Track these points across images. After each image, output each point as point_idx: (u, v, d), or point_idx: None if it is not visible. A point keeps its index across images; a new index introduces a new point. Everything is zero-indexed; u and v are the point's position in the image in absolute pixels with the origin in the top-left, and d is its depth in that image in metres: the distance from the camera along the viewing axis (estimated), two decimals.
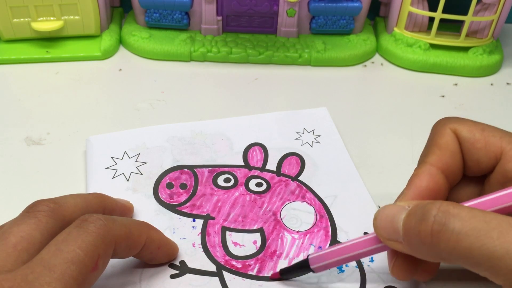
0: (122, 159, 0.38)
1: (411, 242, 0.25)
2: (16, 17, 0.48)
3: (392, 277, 0.32)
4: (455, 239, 0.23)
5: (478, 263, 0.23)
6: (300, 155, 0.40)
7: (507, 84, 0.50)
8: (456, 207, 0.24)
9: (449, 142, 0.30)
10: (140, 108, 0.45)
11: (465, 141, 0.30)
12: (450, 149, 0.30)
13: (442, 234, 0.23)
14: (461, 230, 0.23)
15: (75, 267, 0.24)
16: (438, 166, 0.29)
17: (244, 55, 0.50)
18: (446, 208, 0.24)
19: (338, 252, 0.29)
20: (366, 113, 0.46)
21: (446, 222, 0.23)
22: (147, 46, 0.50)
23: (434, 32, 0.50)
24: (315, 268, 0.30)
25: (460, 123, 0.30)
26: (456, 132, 0.30)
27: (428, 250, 0.25)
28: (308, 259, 0.30)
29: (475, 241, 0.23)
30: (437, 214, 0.24)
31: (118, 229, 0.27)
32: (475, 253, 0.23)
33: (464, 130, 0.30)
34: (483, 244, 0.22)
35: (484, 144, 0.29)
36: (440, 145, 0.30)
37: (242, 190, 0.37)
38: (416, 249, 0.25)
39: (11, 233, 0.25)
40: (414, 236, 0.25)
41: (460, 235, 0.23)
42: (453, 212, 0.24)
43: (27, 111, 0.44)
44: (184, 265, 0.32)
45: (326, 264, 0.29)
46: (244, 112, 0.44)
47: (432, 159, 0.30)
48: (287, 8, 0.50)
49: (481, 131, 0.30)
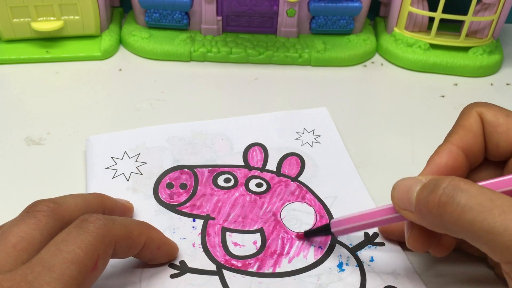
0: (122, 159, 0.38)
1: (421, 212, 0.26)
2: (16, 17, 0.48)
3: (392, 277, 0.32)
4: (459, 212, 0.24)
5: (478, 236, 0.24)
6: (300, 155, 0.40)
7: (507, 85, 0.50)
8: (467, 183, 0.25)
9: (473, 124, 0.31)
10: (140, 108, 0.45)
11: (489, 124, 0.31)
12: (473, 131, 0.31)
13: (448, 205, 0.25)
14: (466, 204, 0.24)
15: (74, 267, 0.24)
16: (459, 146, 0.30)
17: (244, 55, 0.50)
18: (457, 183, 0.25)
19: (357, 219, 0.31)
20: (366, 113, 0.46)
21: (454, 195, 0.25)
22: (147, 46, 0.50)
23: (434, 32, 0.50)
24: (335, 232, 0.32)
25: (487, 107, 0.31)
26: (481, 115, 0.31)
27: (434, 220, 0.26)
28: (330, 223, 0.32)
29: (477, 215, 0.24)
30: (447, 186, 0.25)
31: (118, 229, 0.27)
32: (476, 227, 0.24)
33: (489, 114, 0.31)
34: (484, 219, 0.24)
35: (505, 129, 0.30)
36: (464, 126, 0.31)
37: (242, 190, 0.37)
38: (424, 218, 0.26)
39: (11, 233, 0.25)
40: (423, 206, 0.26)
41: (464, 208, 0.24)
42: (462, 187, 0.25)
43: (27, 111, 0.44)
44: (184, 265, 0.32)
45: (345, 228, 0.31)
46: (244, 112, 0.44)
47: (454, 139, 0.31)
48: (287, 8, 0.50)
49: (505, 116, 0.30)
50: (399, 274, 0.32)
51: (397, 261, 0.33)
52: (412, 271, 0.32)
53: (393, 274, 0.32)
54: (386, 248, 0.34)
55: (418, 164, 0.41)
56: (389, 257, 0.33)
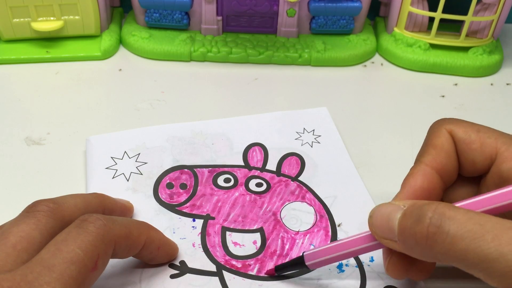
0: (122, 159, 0.38)
1: (406, 242, 0.25)
2: (16, 17, 0.48)
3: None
4: (450, 242, 0.23)
5: (473, 264, 0.23)
6: (300, 155, 0.40)
7: (507, 85, 0.50)
8: (452, 209, 0.24)
9: (444, 143, 0.30)
10: (140, 108, 0.45)
11: (461, 141, 0.30)
12: (445, 150, 0.30)
13: (437, 236, 0.24)
14: (457, 232, 0.23)
15: (74, 267, 0.24)
16: (433, 166, 0.30)
17: (244, 55, 0.50)
18: (442, 211, 0.24)
19: (333, 249, 0.29)
20: (366, 113, 0.46)
21: (442, 224, 0.24)
22: (147, 46, 0.50)
23: (434, 32, 0.50)
24: (310, 265, 0.30)
25: (455, 124, 0.30)
26: (451, 133, 0.30)
27: (423, 251, 0.25)
28: (303, 256, 0.30)
29: (470, 243, 0.23)
30: (433, 216, 0.24)
31: (118, 229, 0.27)
32: (469, 255, 0.23)
33: (459, 131, 0.30)
34: (478, 246, 0.22)
35: (479, 145, 0.29)
36: (435, 145, 0.30)
37: (242, 190, 0.37)
38: (411, 249, 0.25)
39: (11, 233, 0.25)
40: (410, 236, 0.25)
41: (455, 238, 0.23)
42: (449, 214, 0.24)
43: (27, 111, 0.44)
44: (184, 265, 0.32)
45: (321, 261, 0.29)
46: (244, 112, 0.44)
47: (427, 159, 0.30)
48: (287, 8, 0.50)
49: (476, 132, 0.30)
50: None
51: None
52: None
53: None
54: None
55: None
56: None
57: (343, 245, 0.29)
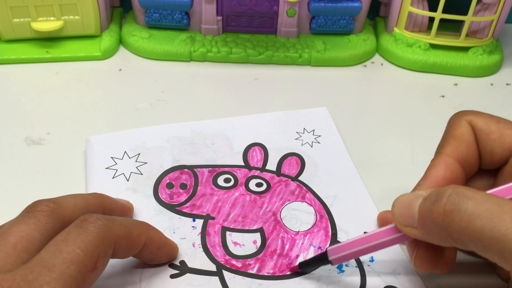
0: (122, 159, 0.38)
1: (425, 225, 0.25)
2: (16, 17, 0.48)
3: (392, 277, 0.32)
4: (467, 220, 0.23)
5: (488, 245, 0.23)
6: (300, 155, 0.40)
7: (507, 85, 0.50)
8: (471, 190, 0.24)
9: (465, 133, 0.30)
10: (140, 108, 0.45)
11: (480, 132, 0.30)
12: (466, 140, 0.30)
13: (454, 214, 0.24)
14: (474, 211, 0.23)
15: (74, 267, 0.24)
16: (454, 156, 0.30)
17: (244, 55, 0.50)
18: (461, 190, 0.24)
19: (356, 243, 0.29)
20: (366, 113, 0.46)
21: (459, 203, 0.24)
22: (147, 46, 0.50)
23: (434, 32, 0.50)
24: (333, 260, 0.30)
25: (475, 115, 0.31)
26: (471, 124, 0.30)
27: (440, 232, 0.25)
28: (327, 251, 0.30)
29: (487, 222, 0.23)
30: (451, 194, 0.24)
31: (118, 229, 0.27)
32: (486, 235, 0.23)
33: (479, 121, 0.30)
34: (495, 226, 0.22)
35: (498, 135, 0.30)
36: (455, 136, 0.30)
37: (242, 190, 0.37)
38: (429, 232, 0.25)
39: (11, 233, 0.25)
40: (428, 217, 0.25)
41: (473, 216, 0.23)
42: (467, 194, 0.24)
43: (27, 111, 0.44)
44: (184, 265, 0.32)
45: (344, 255, 0.30)
46: (244, 112, 0.44)
47: (448, 150, 0.30)
48: (287, 8, 0.50)
49: (496, 123, 0.30)
50: (399, 274, 0.32)
51: (397, 261, 0.33)
52: (412, 271, 0.32)
53: (393, 274, 0.32)
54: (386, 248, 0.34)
55: (418, 163, 0.41)
56: (389, 257, 0.33)
57: (366, 238, 0.29)
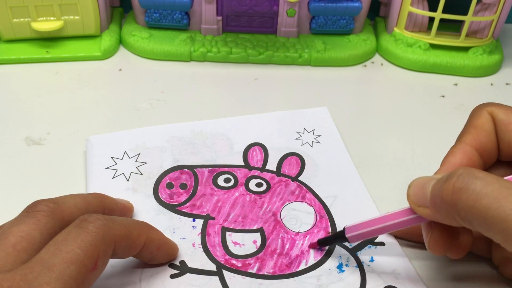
0: (122, 159, 0.38)
1: (435, 203, 0.26)
2: (16, 17, 0.48)
3: (392, 277, 0.32)
4: (474, 198, 0.24)
5: (493, 224, 0.23)
6: (300, 155, 0.40)
7: (507, 84, 0.50)
8: (481, 172, 0.25)
9: (485, 123, 0.31)
10: (140, 108, 0.45)
11: (500, 122, 0.31)
12: (485, 129, 0.31)
13: (462, 192, 0.24)
14: (481, 190, 0.24)
15: (74, 267, 0.24)
16: (473, 145, 0.31)
17: (244, 55, 0.50)
18: (471, 171, 0.25)
19: (372, 223, 0.30)
20: (366, 113, 0.46)
21: (468, 182, 0.24)
22: (147, 46, 0.50)
23: (434, 32, 0.50)
24: (350, 237, 0.31)
25: (497, 106, 0.31)
26: (492, 114, 0.31)
27: (448, 209, 0.25)
28: (344, 229, 0.31)
29: (493, 201, 0.23)
30: (461, 174, 0.25)
31: (118, 229, 0.27)
32: (491, 214, 0.23)
33: (500, 112, 0.31)
34: (500, 206, 0.23)
35: None
36: (476, 125, 0.31)
37: (242, 190, 0.37)
38: (439, 209, 0.26)
39: (11, 233, 0.25)
40: (438, 195, 0.26)
41: (480, 195, 0.24)
42: (477, 174, 0.25)
43: (27, 111, 0.44)
44: (184, 265, 0.32)
45: (360, 233, 0.31)
46: (244, 112, 0.44)
47: (467, 138, 0.31)
48: (287, 8, 0.50)
49: None
50: (399, 274, 0.32)
51: (397, 261, 0.33)
52: (412, 271, 0.32)
53: (393, 274, 0.32)
54: (386, 248, 0.34)
55: (418, 163, 0.41)
56: (389, 257, 0.33)
57: (382, 218, 0.30)
